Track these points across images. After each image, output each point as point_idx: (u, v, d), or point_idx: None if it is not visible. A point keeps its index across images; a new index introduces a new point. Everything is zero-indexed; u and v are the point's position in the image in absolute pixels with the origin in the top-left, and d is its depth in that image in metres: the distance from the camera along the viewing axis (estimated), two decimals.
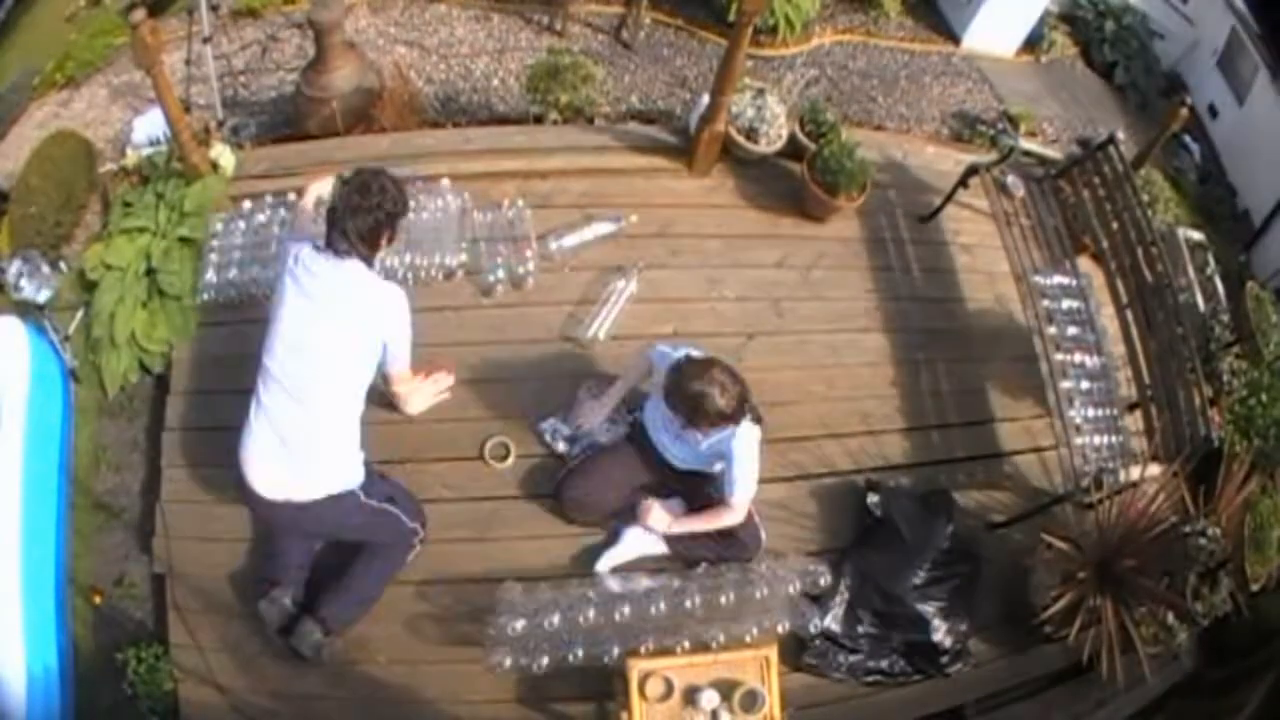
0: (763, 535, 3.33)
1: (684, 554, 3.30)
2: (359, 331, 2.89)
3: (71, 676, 3.19)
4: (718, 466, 3.18)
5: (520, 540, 3.38)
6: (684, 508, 3.30)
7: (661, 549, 3.31)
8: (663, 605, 3.16)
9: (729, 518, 3.18)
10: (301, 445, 2.86)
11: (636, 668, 2.78)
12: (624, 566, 3.30)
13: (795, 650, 3.29)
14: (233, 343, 3.64)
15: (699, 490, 3.28)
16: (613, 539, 3.32)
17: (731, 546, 3.26)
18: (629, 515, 3.30)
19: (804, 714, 3.18)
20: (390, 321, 2.95)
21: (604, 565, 3.28)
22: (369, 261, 2.91)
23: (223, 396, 3.49)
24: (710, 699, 2.77)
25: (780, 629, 3.19)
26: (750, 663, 2.85)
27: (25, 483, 3.25)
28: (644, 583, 3.25)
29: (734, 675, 2.82)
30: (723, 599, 3.13)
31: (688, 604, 3.16)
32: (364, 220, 2.83)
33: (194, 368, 3.63)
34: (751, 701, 2.77)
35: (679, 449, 3.19)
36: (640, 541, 3.29)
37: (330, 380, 2.88)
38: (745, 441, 3.01)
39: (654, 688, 2.77)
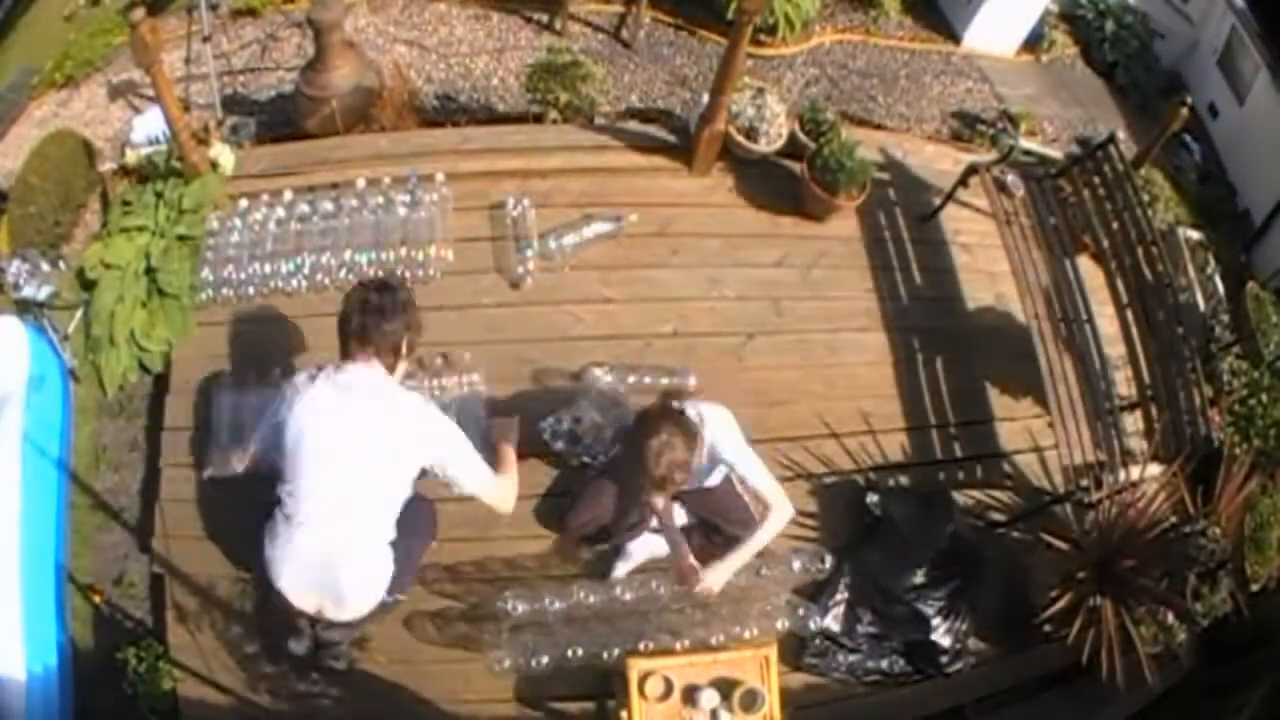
0: None
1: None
2: (394, 451, 2.65)
3: (71, 676, 3.19)
4: (716, 475, 3.07)
5: (520, 540, 3.38)
6: (687, 514, 3.28)
7: (667, 551, 3.29)
8: (662, 599, 3.16)
9: (777, 517, 2.94)
10: (342, 576, 2.67)
11: (636, 667, 2.77)
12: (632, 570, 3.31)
13: (795, 650, 3.29)
14: (232, 342, 3.64)
15: (700, 494, 3.25)
16: (619, 548, 3.29)
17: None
18: (636, 531, 3.26)
19: (804, 714, 3.18)
20: (432, 441, 2.69)
21: (619, 574, 3.27)
22: (391, 371, 2.69)
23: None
24: (710, 698, 2.76)
25: (780, 626, 3.19)
26: (750, 662, 2.84)
27: (25, 482, 3.24)
28: (644, 582, 3.25)
29: (734, 675, 2.81)
30: (722, 599, 3.13)
31: (688, 604, 3.16)
32: (389, 325, 2.62)
33: (194, 367, 3.62)
34: (751, 701, 2.76)
35: None
36: (646, 546, 3.28)
37: (368, 502, 2.66)
38: (723, 437, 2.87)
39: (654, 687, 2.76)
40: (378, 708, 3.12)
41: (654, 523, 3.24)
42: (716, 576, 2.96)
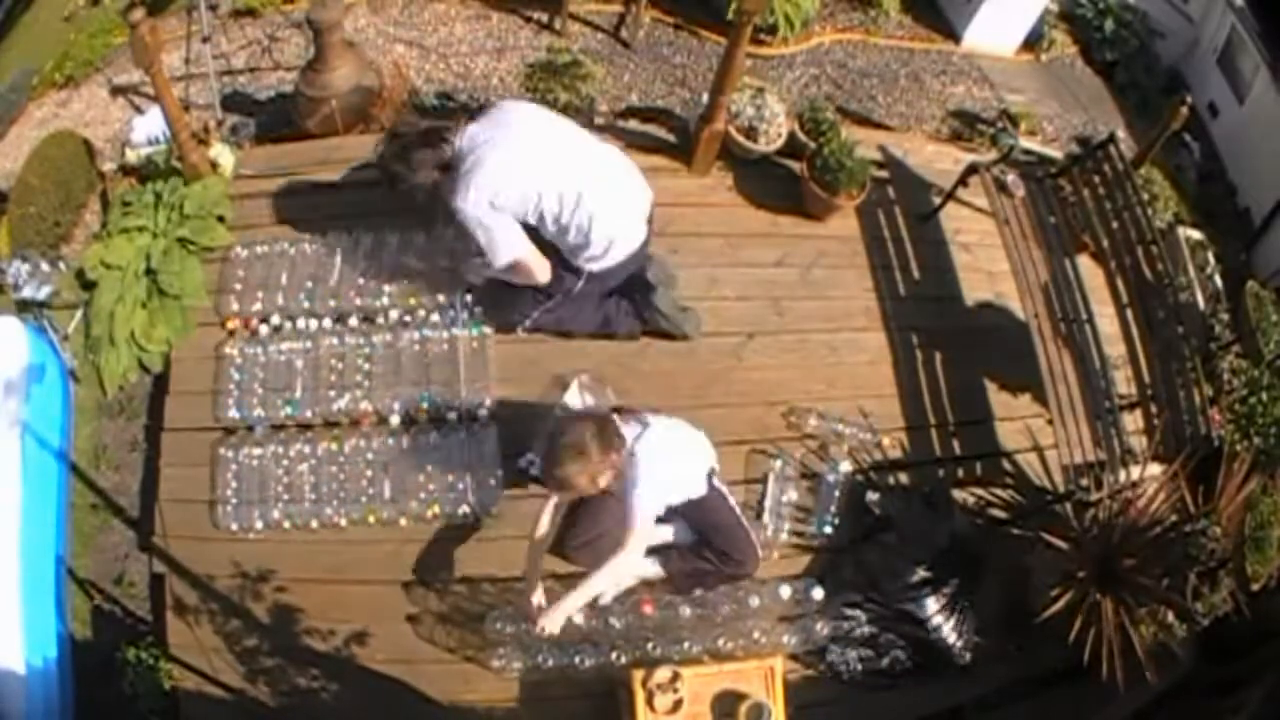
0: (759, 551, 3.31)
1: (683, 578, 3.27)
2: None
3: (71, 674, 3.20)
4: (702, 485, 3.08)
5: (520, 540, 3.35)
6: (687, 530, 3.26)
7: (659, 572, 3.27)
8: (648, 626, 3.16)
9: (621, 558, 2.89)
10: None
11: (640, 678, 2.76)
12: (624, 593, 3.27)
13: (794, 649, 3.28)
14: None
15: (689, 504, 3.18)
16: None
17: (729, 564, 3.23)
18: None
19: (804, 714, 3.17)
20: None
21: (605, 599, 3.23)
22: None
23: (222, 396, 3.50)
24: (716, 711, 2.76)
25: (786, 640, 3.17)
26: (755, 674, 2.84)
27: (25, 482, 3.25)
28: (633, 606, 3.22)
29: (739, 687, 2.81)
30: (720, 615, 3.13)
31: (687, 613, 3.15)
32: None
33: (194, 368, 3.62)
34: (758, 714, 2.76)
35: None
36: (639, 568, 3.24)
37: None
38: (648, 471, 2.85)
39: (659, 700, 2.75)
40: (378, 707, 3.12)
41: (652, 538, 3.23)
42: (554, 620, 2.91)
